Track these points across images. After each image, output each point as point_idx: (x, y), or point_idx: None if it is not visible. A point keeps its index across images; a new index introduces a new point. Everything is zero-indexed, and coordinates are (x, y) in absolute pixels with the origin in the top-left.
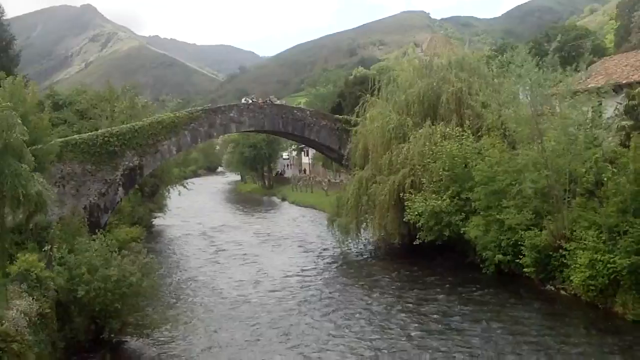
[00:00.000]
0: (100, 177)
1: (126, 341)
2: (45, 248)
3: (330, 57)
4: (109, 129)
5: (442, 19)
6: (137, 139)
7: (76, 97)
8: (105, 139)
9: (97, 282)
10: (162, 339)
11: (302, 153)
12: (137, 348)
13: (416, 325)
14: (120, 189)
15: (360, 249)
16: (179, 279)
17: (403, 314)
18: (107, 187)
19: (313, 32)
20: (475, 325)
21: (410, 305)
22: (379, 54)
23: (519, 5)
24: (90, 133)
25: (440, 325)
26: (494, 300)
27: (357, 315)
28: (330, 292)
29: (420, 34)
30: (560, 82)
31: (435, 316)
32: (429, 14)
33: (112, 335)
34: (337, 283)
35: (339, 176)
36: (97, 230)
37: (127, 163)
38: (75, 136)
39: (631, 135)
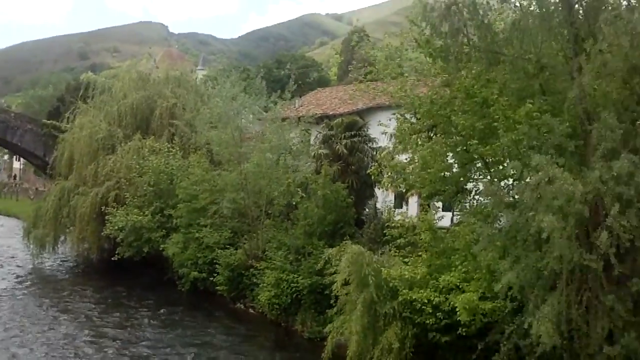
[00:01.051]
0: None
1: None
2: None
3: (60, 59)
4: None
5: (180, 34)
6: None
7: None
8: None
9: None
10: None
11: (14, 158)
12: None
13: (105, 352)
14: None
15: (58, 264)
16: None
17: (91, 340)
18: None
19: (44, 30)
20: (167, 350)
21: (100, 328)
22: (112, 62)
23: (254, 30)
24: None
25: (130, 352)
26: (188, 320)
27: (40, 343)
28: (13, 315)
29: (157, 46)
30: (266, 108)
31: (123, 342)
32: (167, 27)
33: None
34: (24, 304)
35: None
36: None
37: None
38: None
39: (322, 164)
